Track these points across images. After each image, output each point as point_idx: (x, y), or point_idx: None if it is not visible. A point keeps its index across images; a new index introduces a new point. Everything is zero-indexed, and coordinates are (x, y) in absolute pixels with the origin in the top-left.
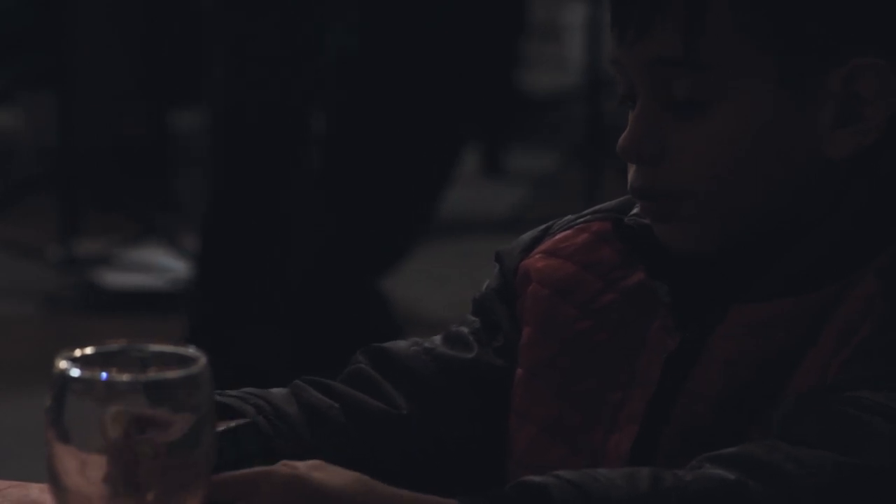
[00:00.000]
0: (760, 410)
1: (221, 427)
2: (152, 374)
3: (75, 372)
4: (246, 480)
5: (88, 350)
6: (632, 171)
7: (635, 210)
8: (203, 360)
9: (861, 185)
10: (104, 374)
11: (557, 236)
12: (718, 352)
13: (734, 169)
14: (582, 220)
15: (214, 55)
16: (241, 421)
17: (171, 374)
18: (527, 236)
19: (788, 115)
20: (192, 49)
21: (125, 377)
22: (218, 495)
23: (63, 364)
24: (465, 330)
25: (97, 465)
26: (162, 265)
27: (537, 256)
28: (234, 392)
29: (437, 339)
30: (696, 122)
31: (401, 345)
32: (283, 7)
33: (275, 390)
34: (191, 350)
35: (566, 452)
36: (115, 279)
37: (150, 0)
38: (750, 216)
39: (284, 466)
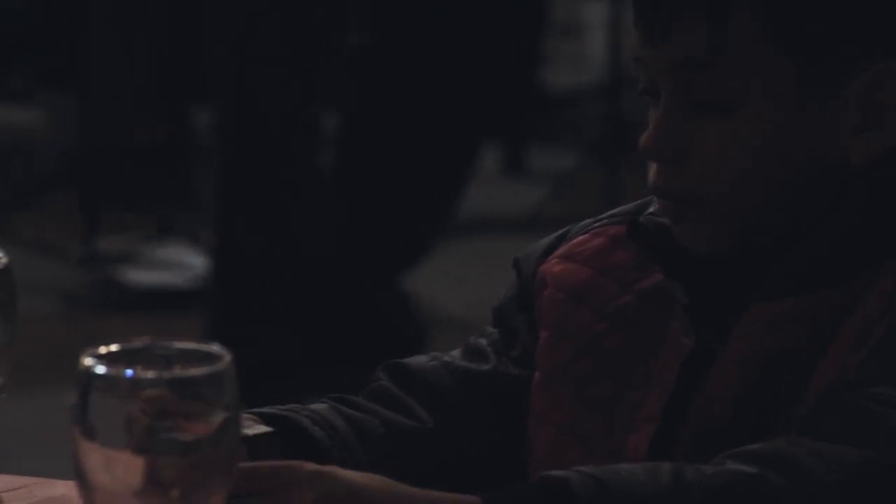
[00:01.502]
0: (778, 410)
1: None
2: (177, 371)
3: (100, 369)
4: (273, 470)
5: (113, 347)
6: (653, 169)
7: (651, 209)
8: (227, 357)
9: (875, 183)
10: (129, 371)
11: (574, 241)
12: (735, 351)
13: (754, 170)
14: (598, 224)
15: (217, 55)
16: (260, 430)
17: (196, 371)
18: (544, 241)
19: (809, 120)
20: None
21: (150, 374)
22: (241, 486)
23: (88, 361)
24: (483, 342)
25: (122, 462)
26: (183, 262)
27: (554, 261)
28: (285, 406)
29: (457, 352)
30: (718, 124)
31: (420, 360)
32: (285, 6)
33: (315, 405)
34: (215, 347)
35: (585, 454)
36: (137, 277)
37: None
38: (768, 217)
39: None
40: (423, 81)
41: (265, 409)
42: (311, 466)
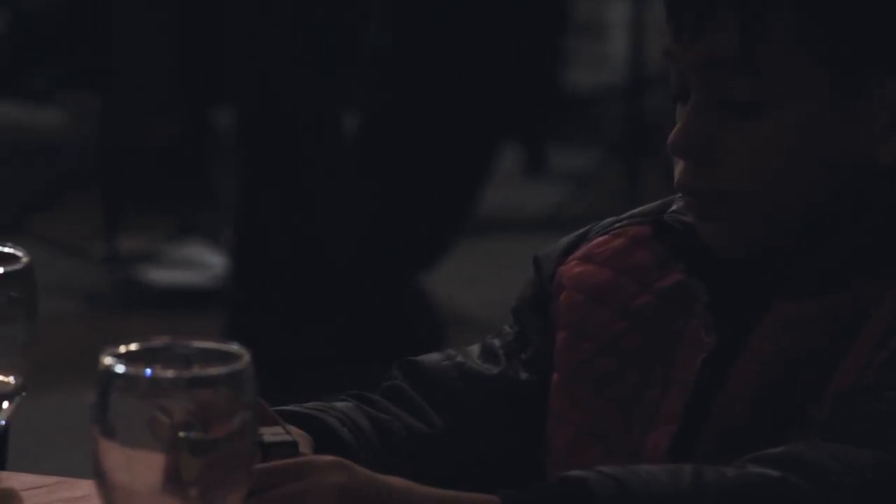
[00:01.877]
0: (799, 410)
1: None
2: (196, 371)
3: (120, 368)
4: (290, 466)
5: (133, 346)
6: (679, 166)
7: (674, 208)
8: (247, 356)
9: None
10: (148, 371)
11: (594, 241)
12: (756, 351)
13: (783, 172)
14: (619, 224)
15: (238, 55)
16: (279, 438)
17: (215, 370)
18: (564, 241)
19: (840, 122)
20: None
21: (169, 373)
22: (263, 482)
23: (107, 360)
24: (496, 343)
25: (141, 461)
26: (203, 262)
27: (573, 262)
28: (310, 404)
29: (475, 350)
30: (749, 124)
31: (434, 359)
32: (308, 7)
33: (339, 404)
34: (234, 346)
35: (604, 453)
36: (158, 276)
37: None
38: (794, 217)
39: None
40: (444, 81)
41: (292, 407)
42: (329, 458)
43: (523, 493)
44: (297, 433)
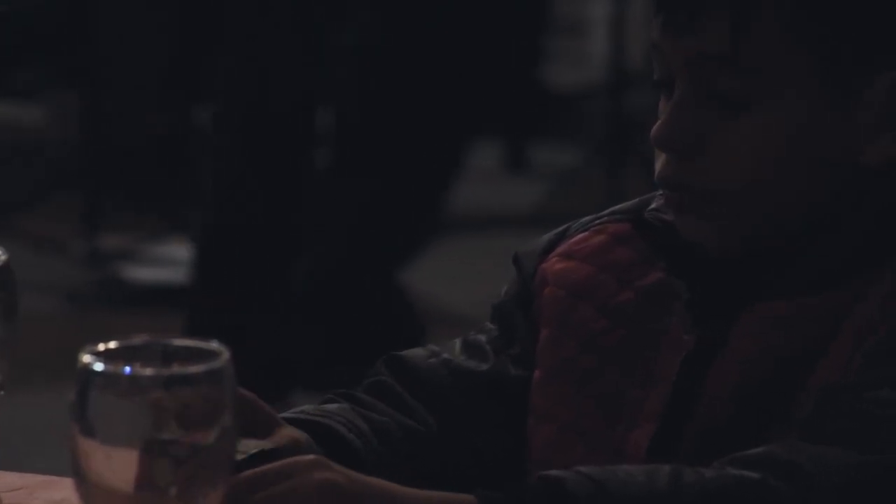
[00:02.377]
0: (779, 409)
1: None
2: (176, 369)
3: (99, 366)
4: (275, 468)
5: (112, 344)
6: (661, 160)
7: (654, 205)
8: (226, 354)
9: (884, 185)
10: (128, 369)
11: (574, 238)
12: (736, 350)
13: (767, 168)
14: (599, 221)
15: (217, 54)
16: (258, 449)
17: (195, 368)
18: (544, 238)
19: (829, 120)
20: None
21: (149, 371)
22: (248, 486)
23: (87, 358)
24: (482, 338)
25: (121, 459)
26: (185, 260)
27: (554, 259)
28: (306, 409)
29: (457, 346)
30: (737, 120)
31: (419, 355)
32: (284, 5)
33: (332, 406)
34: (214, 345)
35: (586, 451)
36: (139, 274)
37: None
38: (777, 216)
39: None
40: (423, 78)
41: (291, 414)
42: (310, 456)
43: (500, 493)
44: (298, 437)
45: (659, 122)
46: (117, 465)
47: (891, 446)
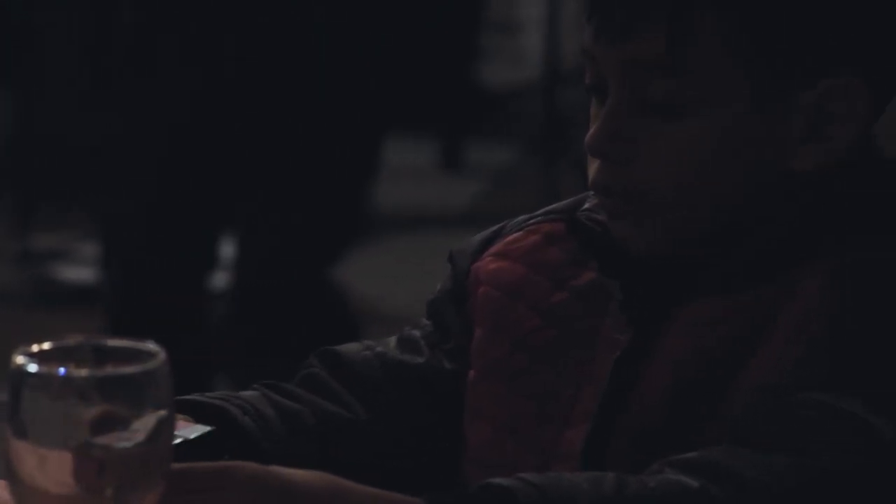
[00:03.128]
0: (712, 408)
1: (178, 437)
2: (110, 370)
3: (32, 367)
4: (210, 472)
5: (45, 345)
6: (594, 166)
7: (587, 205)
8: (162, 355)
9: (813, 186)
10: (62, 370)
11: (508, 238)
12: (668, 349)
13: (701, 174)
14: (533, 221)
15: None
16: (200, 432)
17: (129, 369)
18: (479, 237)
19: (759, 127)
20: None
21: (83, 372)
22: (180, 486)
23: (20, 359)
24: (416, 333)
25: (54, 461)
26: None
27: (488, 259)
28: (213, 394)
29: (392, 341)
30: (669, 126)
31: (353, 348)
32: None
33: (245, 393)
34: (149, 345)
35: (520, 450)
36: (71, 274)
37: None
38: (709, 220)
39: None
40: (355, 76)
41: (195, 397)
42: (251, 469)
43: (448, 498)
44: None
45: (592, 129)
46: (51, 467)
47: (824, 449)
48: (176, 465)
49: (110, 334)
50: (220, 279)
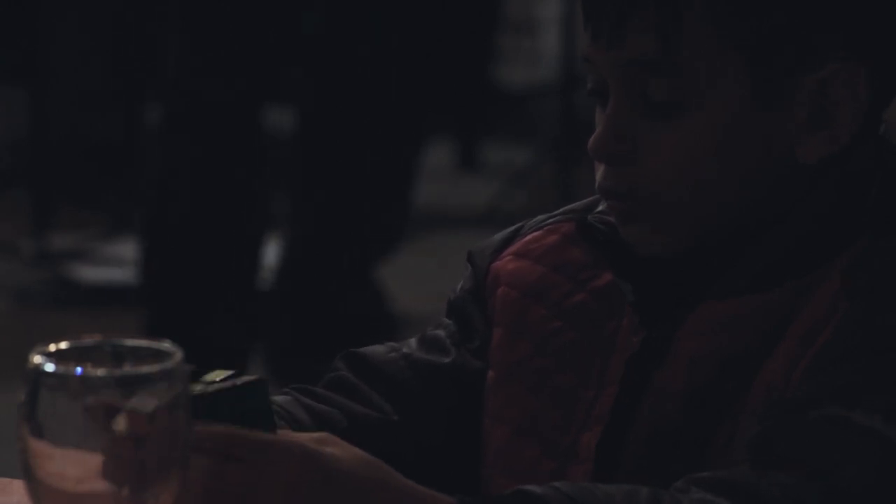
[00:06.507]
0: (727, 409)
1: (227, 385)
2: (127, 369)
3: (49, 367)
4: (256, 442)
5: (63, 345)
6: (600, 170)
7: (600, 207)
8: (179, 354)
9: (826, 183)
10: (79, 369)
11: (527, 237)
12: (683, 350)
13: (706, 172)
14: (552, 220)
15: (160, 57)
16: (246, 379)
17: (147, 368)
18: (498, 237)
19: (761, 118)
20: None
21: (100, 372)
22: (226, 449)
23: (37, 359)
24: (441, 333)
25: (72, 461)
26: (134, 259)
27: (507, 258)
28: None
29: (413, 342)
30: (670, 125)
31: (378, 350)
32: (222, 10)
33: (278, 398)
34: (166, 344)
35: (539, 452)
36: (88, 274)
37: None
38: (718, 218)
39: (293, 437)
40: (377, 78)
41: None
42: (305, 449)
43: (481, 501)
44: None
45: (595, 133)
46: (68, 466)
47: (846, 468)
48: (232, 430)
49: (147, 333)
50: (264, 279)
